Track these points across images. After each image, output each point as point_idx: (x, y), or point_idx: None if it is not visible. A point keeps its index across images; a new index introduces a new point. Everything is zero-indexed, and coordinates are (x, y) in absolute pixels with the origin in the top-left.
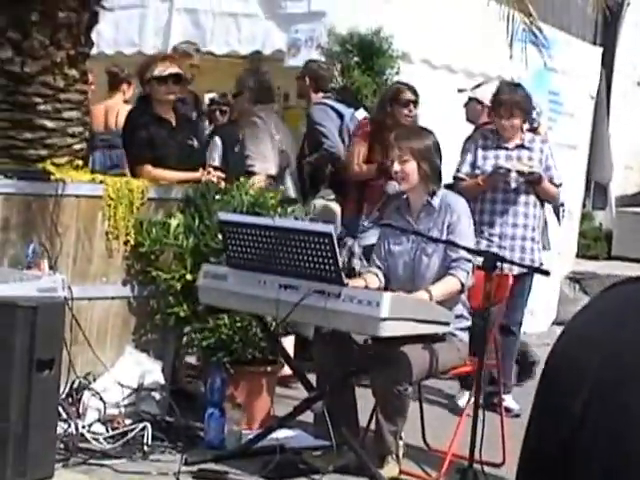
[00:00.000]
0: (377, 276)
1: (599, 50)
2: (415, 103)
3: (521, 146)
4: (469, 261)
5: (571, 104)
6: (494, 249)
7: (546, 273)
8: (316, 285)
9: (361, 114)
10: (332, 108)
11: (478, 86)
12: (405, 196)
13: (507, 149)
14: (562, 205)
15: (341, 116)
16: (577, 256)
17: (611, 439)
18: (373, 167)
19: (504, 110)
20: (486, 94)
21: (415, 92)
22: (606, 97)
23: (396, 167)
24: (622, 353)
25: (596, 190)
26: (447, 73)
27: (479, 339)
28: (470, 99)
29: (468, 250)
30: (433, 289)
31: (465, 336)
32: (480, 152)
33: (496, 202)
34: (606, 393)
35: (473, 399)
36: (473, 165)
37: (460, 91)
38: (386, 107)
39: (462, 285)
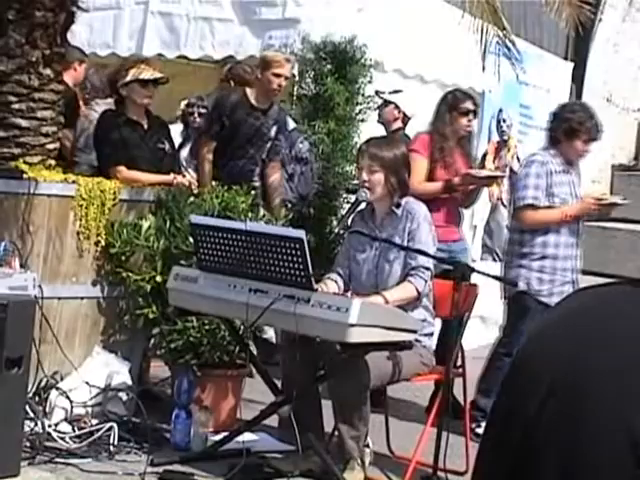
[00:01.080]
0: (336, 282)
1: (570, 65)
2: (475, 113)
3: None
4: (428, 269)
5: (542, 118)
6: (569, 287)
7: (514, 284)
8: (286, 290)
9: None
10: None
11: (397, 92)
12: (369, 203)
13: (570, 174)
14: None
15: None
16: None
17: (567, 431)
18: (438, 185)
19: (587, 135)
20: (405, 101)
21: (475, 102)
22: None
23: (364, 176)
24: (577, 352)
25: None
26: (419, 83)
27: (446, 348)
28: (387, 102)
29: (434, 258)
30: (388, 294)
31: (429, 342)
32: (554, 177)
33: (562, 233)
34: (562, 391)
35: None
36: (546, 191)
37: (377, 93)
38: (445, 116)
39: (418, 293)
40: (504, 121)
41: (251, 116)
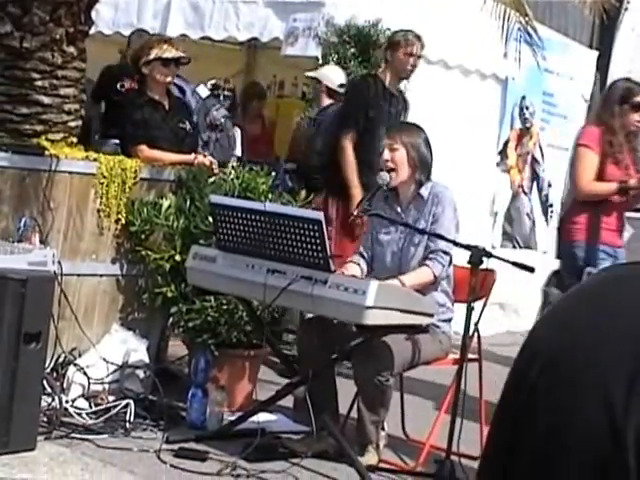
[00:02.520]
0: (359, 265)
1: (595, 54)
2: None
3: None
4: (447, 254)
5: (565, 106)
6: None
7: (530, 269)
8: (303, 271)
9: (202, 90)
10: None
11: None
12: (394, 188)
13: None
14: (551, 206)
15: (183, 91)
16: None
17: (556, 400)
18: (612, 186)
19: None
20: (329, 76)
21: None
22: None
23: (386, 155)
24: (573, 325)
25: None
26: (442, 69)
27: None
28: (310, 78)
29: (455, 243)
30: (405, 278)
31: (448, 328)
32: None
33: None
34: (556, 362)
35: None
36: None
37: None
38: (614, 108)
39: (435, 277)
40: (527, 108)
41: (387, 102)
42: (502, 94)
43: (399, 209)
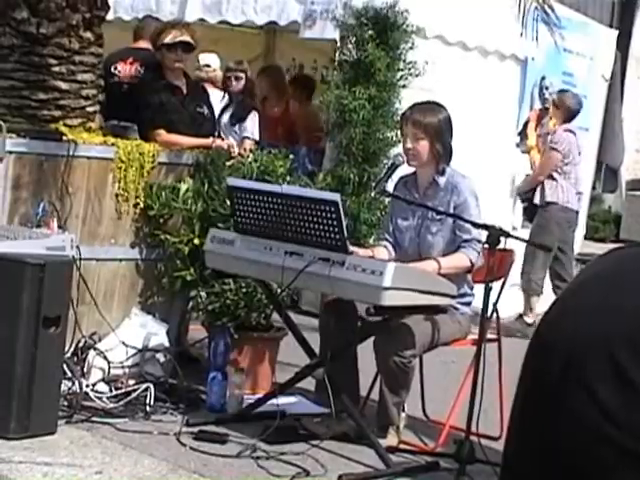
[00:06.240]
0: (387, 248)
1: (615, 33)
2: None
3: None
4: (480, 242)
5: (585, 86)
6: None
7: (547, 249)
8: (321, 253)
9: None
10: None
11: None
12: (414, 170)
13: None
14: None
15: None
16: (585, 238)
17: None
18: None
19: None
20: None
21: None
22: (620, 81)
23: (409, 144)
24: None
25: (607, 173)
26: (461, 50)
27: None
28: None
29: (473, 224)
30: (442, 260)
31: (467, 310)
32: None
33: None
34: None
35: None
36: None
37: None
38: None
39: (472, 264)
40: (547, 89)
41: None
42: (522, 74)
43: (417, 194)
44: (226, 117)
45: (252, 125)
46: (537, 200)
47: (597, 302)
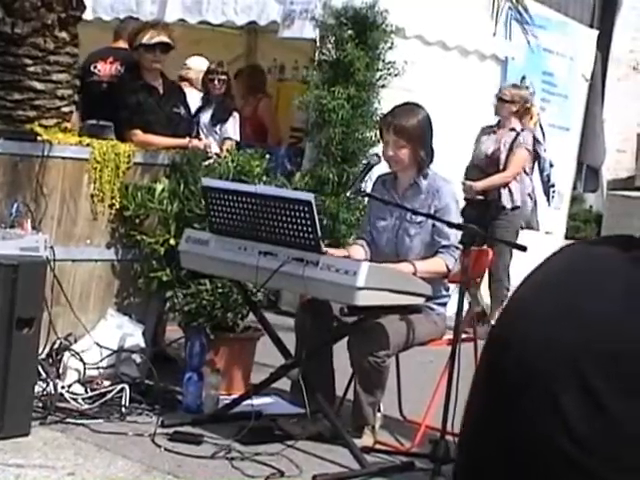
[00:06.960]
0: (363, 247)
1: (595, 33)
2: None
3: None
4: (458, 248)
5: (565, 86)
6: None
7: (523, 249)
8: (295, 253)
9: None
10: None
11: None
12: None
13: None
14: (552, 186)
15: None
16: (566, 237)
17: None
18: None
19: None
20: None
21: None
22: (601, 81)
23: (390, 152)
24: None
25: (588, 173)
26: (441, 50)
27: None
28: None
29: (449, 224)
30: (418, 263)
31: (443, 310)
32: None
33: None
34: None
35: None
36: None
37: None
38: None
39: (448, 270)
40: (527, 89)
41: None
42: (502, 74)
43: (396, 195)
44: (207, 118)
45: (233, 126)
46: (505, 202)
47: (552, 305)
